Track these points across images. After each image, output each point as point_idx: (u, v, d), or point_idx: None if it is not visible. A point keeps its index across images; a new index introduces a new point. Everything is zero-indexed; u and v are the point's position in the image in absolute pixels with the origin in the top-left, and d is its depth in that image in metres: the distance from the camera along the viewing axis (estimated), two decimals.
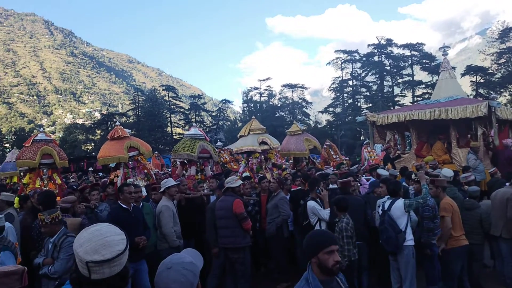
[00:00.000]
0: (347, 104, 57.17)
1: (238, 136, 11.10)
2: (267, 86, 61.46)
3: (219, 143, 20.67)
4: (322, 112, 58.75)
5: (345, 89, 57.12)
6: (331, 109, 57.50)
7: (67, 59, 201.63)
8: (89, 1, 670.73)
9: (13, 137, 60.36)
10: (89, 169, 11.29)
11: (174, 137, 58.59)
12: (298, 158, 11.70)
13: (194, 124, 11.58)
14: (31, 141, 8.21)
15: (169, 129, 58.72)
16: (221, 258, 6.45)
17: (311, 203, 6.45)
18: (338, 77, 57.41)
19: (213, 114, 63.06)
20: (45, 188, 7.57)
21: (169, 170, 18.51)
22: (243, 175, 9.50)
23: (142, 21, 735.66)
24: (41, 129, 9.21)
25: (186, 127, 60.87)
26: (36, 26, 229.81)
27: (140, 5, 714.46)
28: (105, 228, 1.85)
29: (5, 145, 58.29)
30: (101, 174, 17.32)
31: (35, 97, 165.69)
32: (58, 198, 6.85)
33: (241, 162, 11.35)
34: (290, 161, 16.64)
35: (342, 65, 57.12)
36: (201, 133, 9.63)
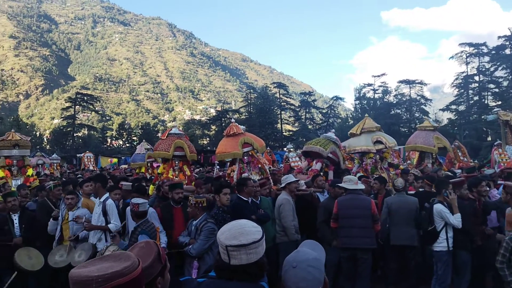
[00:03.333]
0: (472, 101, 51.99)
1: (348, 134, 10.46)
2: (382, 82, 58.71)
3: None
4: (443, 110, 54.15)
5: (470, 85, 52.00)
6: (453, 106, 52.78)
7: (187, 59, 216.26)
8: (208, 4, 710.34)
9: (140, 130, 66.24)
10: (216, 162, 12.21)
11: (284, 133, 59.17)
12: (423, 156, 10.81)
13: (333, 130, 12.06)
14: (166, 135, 8.81)
15: (279, 125, 59.39)
16: (335, 258, 6.24)
17: (438, 206, 5.91)
18: (463, 72, 52.45)
19: (324, 111, 62.33)
20: (176, 178, 8.09)
21: (281, 166, 18.38)
22: (357, 176, 8.88)
23: (256, 20, 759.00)
24: (164, 123, 9.69)
25: (296, 124, 61.02)
26: (161, 29, 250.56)
27: (253, 6, 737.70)
28: (244, 221, 2.10)
29: (133, 138, 64.29)
30: (218, 167, 17.84)
31: (159, 94, 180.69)
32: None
33: (355, 162, 10.68)
34: (409, 162, 15.37)
35: (467, 59, 52.03)
36: (337, 138, 9.78)
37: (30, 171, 10.24)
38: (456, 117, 51.82)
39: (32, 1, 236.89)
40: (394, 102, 57.43)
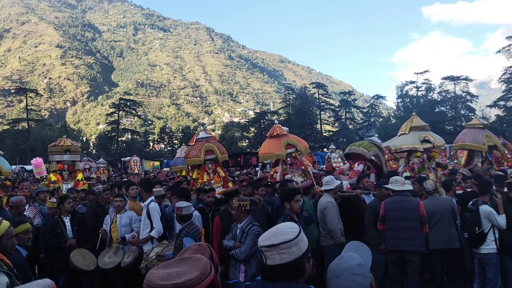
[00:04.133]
0: None
1: (398, 134, 10.21)
2: (425, 80, 56.83)
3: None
4: (490, 106, 51.77)
5: None
6: (501, 102, 50.33)
7: (225, 62, 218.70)
8: (245, 7, 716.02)
9: (180, 134, 67.60)
10: (259, 164, 12.31)
11: (324, 134, 58.52)
12: (472, 155, 10.47)
13: (376, 134, 11.92)
14: (194, 140, 8.98)
15: (318, 126, 58.82)
16: (382, 260, 6.11)
17: (486, 208, 5.69)
18: (510, 67, 49.99)
19: (364, 110, 61.27)
20: (212, 181, 8.22)
21: (322, 167, 18.20)
22: (403, 175, 8.63)
23: (294, 21, 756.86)
24: (203, 127, 9.92)
25: (336, 124, 60.24)
26: (199, 33, 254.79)
27: (291, 6, 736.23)
28: (285, 224, 2.13)
29: (174, 141, 65.67)
30: (257, 169, 17.89)
31: (198, 98, 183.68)
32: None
33: (401, 161, 10.40)
34: (455, 161, 14.84)
35: None
36: (380, 142, 9.77)
37: (79, 176, 10.63)
38: (505, 113, 49.45)
39: (77, 11, 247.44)
40: (438, 99, 55.49)
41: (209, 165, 8.68)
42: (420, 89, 57.00)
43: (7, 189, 10.56)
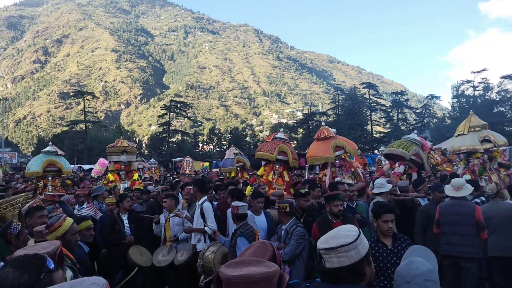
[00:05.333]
0: None
1: (455, 135, 9.77)
2: (482, 79, 54.09)
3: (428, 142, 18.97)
4: None
5: None
6: None
7: (273, 63, 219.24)
8: (293, 7, 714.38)
9: (229, 135, 68.47)
10: (306, 166, 12.20)
11: (375, 135, 57.23)
12: None
13: (415, 131, 11.59)
14: (272, 138, 8.93)
15: (369, 127, 57.59)
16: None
17: None
18: None
19: (418, 111, 59.36)
20: (274, 183, 8.21)
21: (373, 168, 17.77)
22: (463, 178, 8.24)
23: (343, 20, 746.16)
24: (252, 128, 9.88)
25: (387, 125, 58.73)
26: (248, 35, 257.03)
27: (340, 5, 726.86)
28: (345, 226, 2.11)
29: (223, 142, 66.60)
30: (305, 171, 17.72)
31: (246, 99, 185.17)
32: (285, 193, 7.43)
33: (460, 163, 9.94)
34: None
35: None
36: (420, 139, 9.54)
37: (135, 176, 11.01)
38: None
39: (131, 17, 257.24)
40: (497, 99, 52.64)
41: (277, 166, 8.56)
42: (477, 88, 54.36)
43: (68, 187, 11.13)
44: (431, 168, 11.91)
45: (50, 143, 10.92)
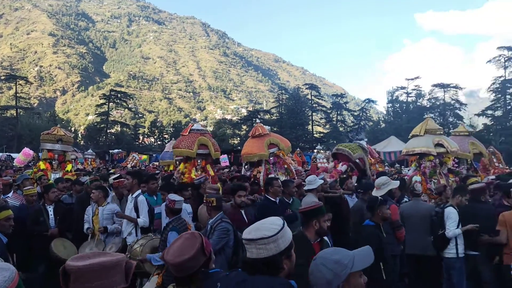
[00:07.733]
0: (509, 107, 50.07)
1: (410, 136, 10.01)
2: (415, 86, 57.41)
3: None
4: (478, 115, 52.35)
5: (508, 90, 50.17)
6: (489, 112, 50.99)
7: (220, 58, 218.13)
8: (242, 3, 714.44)
9: (171, 129, 67.33)
10: (244, 163, 12.21)
11: (315, 135, 58.73)
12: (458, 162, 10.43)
13: (365, 139, 12.28)
14: (188, 131, 8.44)
15: (310, 127, 59.01)
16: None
17: (449, 209, 5.87)
18: (500, 77, 50.57)
19: (355, 113, 61.53)
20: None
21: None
22: (414, 179, 8.63)
23: (290, 21, 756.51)
24: (195, 122, 9.72)
25: (327, 126, 60.48)
26: (195, 28, 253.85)
27: (288, 6, 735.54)
28: (269, 219, 2.16)
29: (165, 135, 65.40)
30: (246, 167, 17.87)
31: (191, 93, 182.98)
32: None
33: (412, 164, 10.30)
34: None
35: (506, 63, 50.19)
36: (368, 148, 10.05)
37: (69, 167, 10.49)
38: (492, 122, 50.09)
39: (71, 0, 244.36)
40: (428, 106, 55.99)
41: (199, 161, 8.12)
42: (410, 95, 57.57)
43: None
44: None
45: None
